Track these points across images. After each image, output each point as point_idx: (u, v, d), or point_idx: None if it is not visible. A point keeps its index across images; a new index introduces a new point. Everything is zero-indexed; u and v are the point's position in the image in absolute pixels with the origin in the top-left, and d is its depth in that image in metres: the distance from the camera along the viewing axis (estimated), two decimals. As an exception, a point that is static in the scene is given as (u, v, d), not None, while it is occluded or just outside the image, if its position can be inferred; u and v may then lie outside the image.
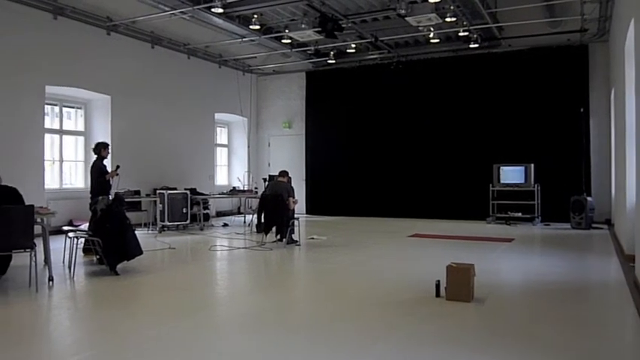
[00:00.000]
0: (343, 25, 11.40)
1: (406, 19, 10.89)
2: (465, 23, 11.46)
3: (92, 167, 8.41)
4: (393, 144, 14.26)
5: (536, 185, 12.21)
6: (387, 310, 4.90)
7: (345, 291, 5.77)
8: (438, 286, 5.23)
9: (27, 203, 5.87)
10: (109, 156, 8.78)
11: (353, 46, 13.50)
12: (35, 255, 5.67)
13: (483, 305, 5.04)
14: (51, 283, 5.91)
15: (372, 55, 14.31)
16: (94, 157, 8.49)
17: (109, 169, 8.69)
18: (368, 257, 8.12)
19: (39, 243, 5.88)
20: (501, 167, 12.54)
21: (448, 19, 10.86)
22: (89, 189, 8.45)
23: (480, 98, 13.30)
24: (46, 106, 10.47)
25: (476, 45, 12.54)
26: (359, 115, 14.72)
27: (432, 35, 12.21)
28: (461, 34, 12.04)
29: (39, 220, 6.08)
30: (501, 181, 12.52)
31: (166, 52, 12.98)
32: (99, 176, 8.29)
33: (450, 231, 10.92)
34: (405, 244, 9.38)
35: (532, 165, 12.25)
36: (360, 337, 4.12)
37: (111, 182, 8.51)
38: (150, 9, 10.55)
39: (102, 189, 8.13)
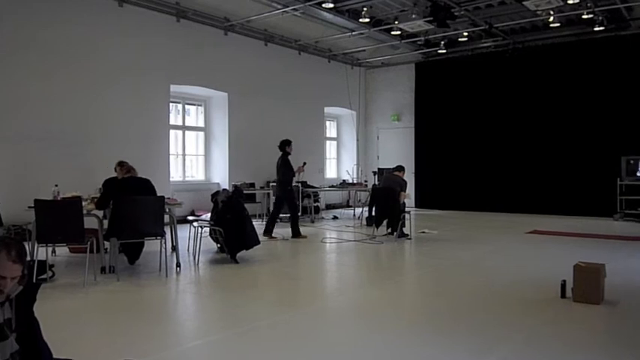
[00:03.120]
0: (455, 13, 11.06)
1: (523, 3, 10.36)
2: (589, 5, 10.66)
3: (279, 162, 9.18)
4: (508, 135, 13.62)
5: (672, 179, 11.13)
6: (508, 310, 4.70)
7: (460, 287, 5.62)
8: (563, 286, 4.93)
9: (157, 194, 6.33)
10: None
11: (465, 34, 13.06)
12: (165, 242, 6.10)
13: (615, 308, 4.69)
14: (178, 269, 6.33)
15: (485, 42, 13.76)
16: (280, 153, 9.33)
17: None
18: (483, 253, 7.85)
19: (166, 231, 6.31)
20: (631, 160, 11.55)
21: (570, 1, 10.17)
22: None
23: (605, 85, 12.30)
24: (170, 103, 11.20)
25: (601, 28, 11.61)
26: (471, 106, 14.21)
27: (551, 19, 11.49)
28: (584, 16, 11.20)
29: (167, 209, 6.52)
30: (631, 175, 11.53)
31: (278, 49, 13.35)
32: (287, 171, 9.04)
33: (573, 228, 10.25)
34: (524, 241, 8.94)
35: (667, 157, 11.18)
36: (478, 337, 3.98)
37: (297, 176, 9.43)
38: (264, 8, 10.92)
39: (288, 182, 9.05)
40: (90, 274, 5.66)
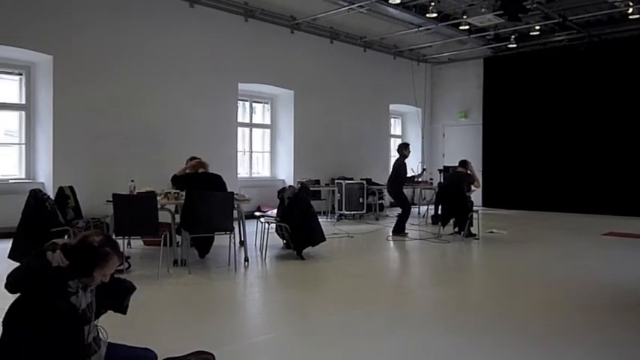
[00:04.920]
0: (527, 6, 10.65)
1: (601, -6, 9.85)
2: (673, -6, 10.03)
3: (395, 165, 9.45)
4: (581, 133, 13.00)
5: None
6: (583, 314, 4.50)
7: (533, 291, 5.43)
8: (645, 291, 4.68)
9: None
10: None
11: (537, 27, 12.56)
12: (234, 237, 6.25)
13: None
14: (246, 263, 6.48)
15: (558, 36, 13.20)
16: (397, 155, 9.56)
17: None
18: (556, 255, 7.55)
19: (235, 226, 6.45)
20: None
21: (653, -9, 9.58)
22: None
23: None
24: (238, 101, 11.44)
25: (686, 18, 10.89)
26: (542, 102, 13.68)
27: (630, 10, 10.86)
28: (668, 6, 10.54)
29: (236, 205, 6.66)
30: None
31: (344, 46, 13.36)
32: (400, 173, 9.28)
33: (653, 230, 9.69)
34: (599, 243, 8.53)
35: None
36: (552, 341, 3.83)
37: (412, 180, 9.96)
38: (330, 5, 10.97)
39: (400, 184, 9.32)
40: (163, 267, 5.88)
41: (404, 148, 9.55)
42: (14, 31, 8.08)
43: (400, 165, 9.34)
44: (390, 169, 9.81)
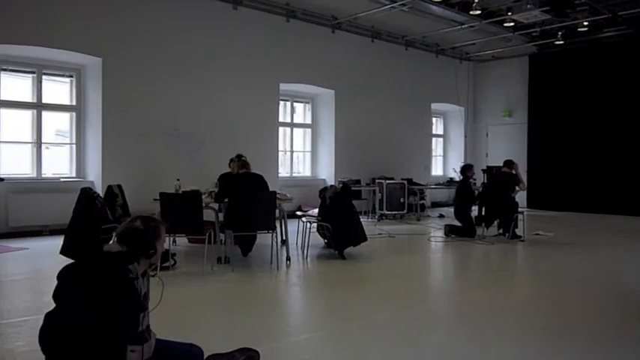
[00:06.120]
0: (575, 2, 10.36)
1: (653, -13, 9.48)
2: None
3: (459, 188, 9.18)
4: (630, 132, 12.53)
5: None
6: (637, 323, 4.34)
7: (580, 295, 5.28)
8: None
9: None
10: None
11: (585, 23, 12.16)
12: (276, 236, 6.30)
13: None
14: (288, 262, 6.53)
15: (607, 32, 12.74)
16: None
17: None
18: (605, 259, 7.30)
19: (277, 225, 6.49)
20: None
21: None
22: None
23: None
24: (279, 101, 11.52)
25: None
26: (590, 100, 13.23)
27: (685, 4, 10.44)
28: None
29: (278, 204, 6.71)
30: None
31: (385, 45, 13.28)
32: (465, 196, 8.92)
33: None
34: (651, 246, 8.23)
35: None
36: (602, 350, 3.71)
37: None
38: (371, 4, 10.93)
39: (467, 210, 8.86)
40: (207, 264, 5.98)
41: (467, 170, 9.13)
42: (65, 34, 8.38)
43: (464, 188, 8.99)
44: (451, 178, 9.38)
